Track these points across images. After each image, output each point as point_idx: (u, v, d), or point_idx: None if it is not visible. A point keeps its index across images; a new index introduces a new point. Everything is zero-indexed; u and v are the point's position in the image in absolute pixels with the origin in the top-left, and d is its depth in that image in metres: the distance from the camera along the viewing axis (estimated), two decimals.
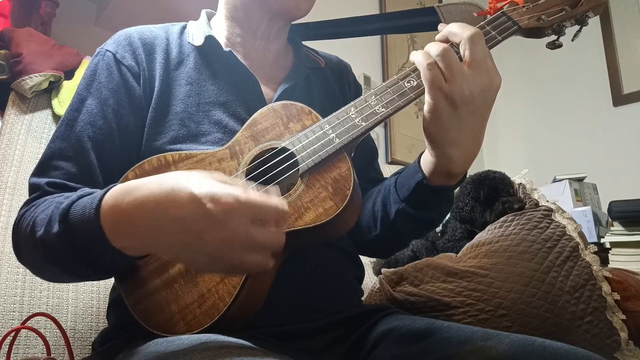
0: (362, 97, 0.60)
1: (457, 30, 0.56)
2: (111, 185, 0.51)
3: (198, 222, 0.43)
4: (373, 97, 0.59)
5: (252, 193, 0.44)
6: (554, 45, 0.63)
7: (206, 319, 0.51)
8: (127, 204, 0.47)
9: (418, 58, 0.56)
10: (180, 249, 0.46)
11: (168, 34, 0.74)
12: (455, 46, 0.57)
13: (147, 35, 0.72)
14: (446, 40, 0.58)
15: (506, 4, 0.62)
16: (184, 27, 0.77)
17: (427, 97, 0.56)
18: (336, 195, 0.55)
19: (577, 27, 0.63)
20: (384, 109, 0.58)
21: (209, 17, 0.80)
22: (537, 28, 0.61)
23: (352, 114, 0.59)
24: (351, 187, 0.55)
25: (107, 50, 0.70)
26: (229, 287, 0.52)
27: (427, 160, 0.62)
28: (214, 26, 0.78)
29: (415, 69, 0.59)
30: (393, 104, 0.58)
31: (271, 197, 0.45)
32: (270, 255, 0.46)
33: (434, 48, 0.55)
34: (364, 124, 0.58)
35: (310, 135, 0.59)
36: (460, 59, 0.55)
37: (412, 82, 0.59)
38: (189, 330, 0.51)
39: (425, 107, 0.56)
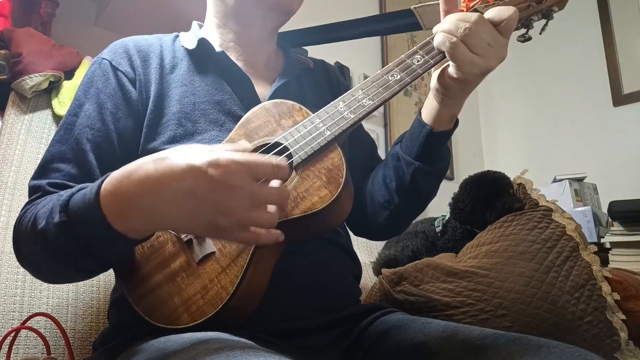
0: (349, 91, 0.63)
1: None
2: (108, 173, 0.51)
3: (203, 188, 0.45)
4: (360, 91, 0.62)
5: (248, 153, 0.47)
6: (524, 38, 0.67)
7: (210, 308, 0.52)
8: (127, 185, 0.48)
9: (440, 38, 0.58)
10: (189, 217, 0.47)
11: (162, 42, 0.77)
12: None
13: (142, 43, 0.75)
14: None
15: (478, 2, 0.64)
16: (177, 36, 0.80)
17: (457, 69, 0.59)
18: (330, 183, 0.56)
19: (544, 21, 0.67)
20: (370, 102, 0.61)
21: (200, 27, 0.82)
22: None
23: (340, 108, 0.61)
24: (344, 176, 0.57)
25: (103, 58, 0.72)
26: (231, 276, 0.53)
27: (431, 113, 0.68)
28: (205, 35, 0.79)
29: (399, 63, 0.63)
30: (379, 96, 0.61)
31: (266, 156, 0.48)
32: (276, 212, 0.49)
33: (462, 26, 0.57)
34: (352, 116, 0.60)
35: (302, 130, 0.60)
36: None
37: (395, 75, 0.62)
38: (193, 321, 0.52)
39: (453, 74, 0.60)
